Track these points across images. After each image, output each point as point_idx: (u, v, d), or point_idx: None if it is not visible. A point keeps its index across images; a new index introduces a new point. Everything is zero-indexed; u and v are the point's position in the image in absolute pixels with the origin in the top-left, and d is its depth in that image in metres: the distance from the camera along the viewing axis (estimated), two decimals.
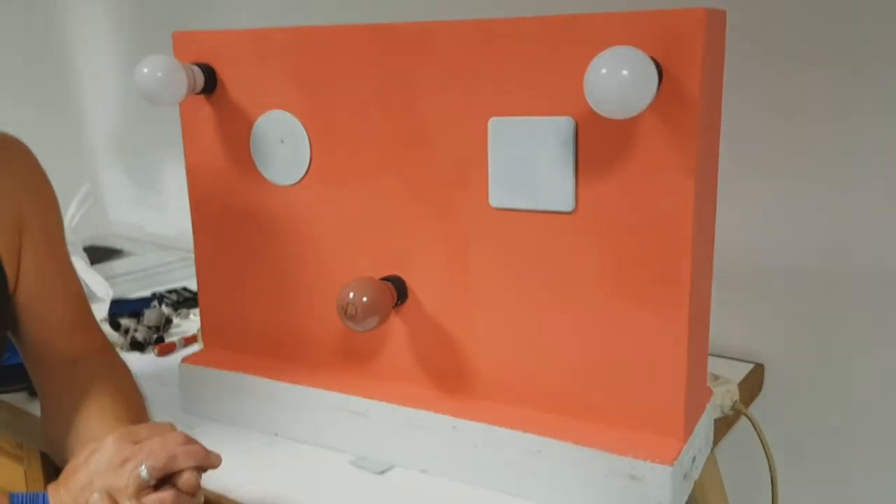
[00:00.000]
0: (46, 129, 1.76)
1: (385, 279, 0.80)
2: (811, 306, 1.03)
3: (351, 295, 0.75)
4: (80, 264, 1.37)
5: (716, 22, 0.65)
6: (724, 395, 0.89)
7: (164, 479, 0.68)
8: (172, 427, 0.73)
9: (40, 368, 0.87)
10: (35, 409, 0.94)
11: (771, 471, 0.93)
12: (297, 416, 0.87)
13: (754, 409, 1.03)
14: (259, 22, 1.37)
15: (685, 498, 0.73)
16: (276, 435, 0.89)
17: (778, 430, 1.01)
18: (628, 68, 0.59)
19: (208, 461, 0.70)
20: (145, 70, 0.77)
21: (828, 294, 1.02)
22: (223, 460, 0.71)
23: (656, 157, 0.66)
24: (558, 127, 0.69)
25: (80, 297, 0.90)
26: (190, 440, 0.70)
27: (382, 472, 0.82)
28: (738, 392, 0.91)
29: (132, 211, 1.87)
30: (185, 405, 0.95)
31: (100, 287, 1.34)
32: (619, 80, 0.59)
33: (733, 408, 0.90)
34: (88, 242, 1.70)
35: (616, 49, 0.60)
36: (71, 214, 1.41)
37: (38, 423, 0.88)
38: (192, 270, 0.95)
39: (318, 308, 0.87)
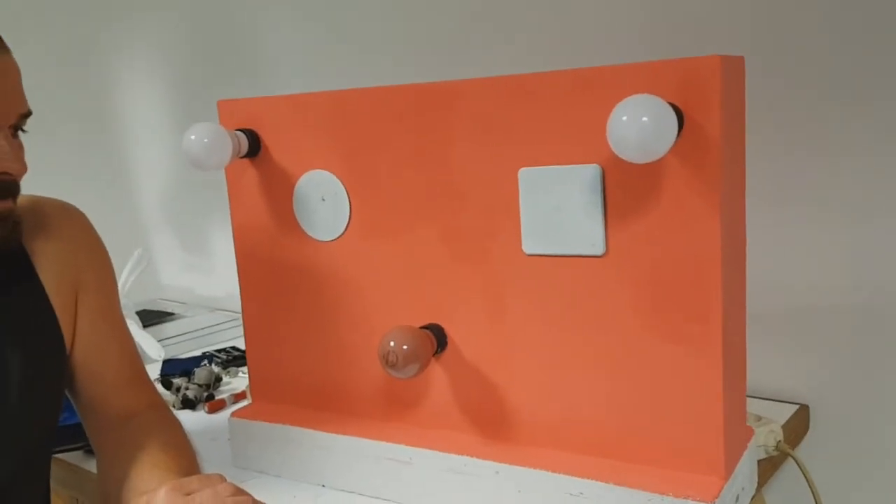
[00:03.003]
0: (101, 197, 1.84)
1: (425, 328, 0.82)
2: (855, 345, 1.02)
3: (392, 343, 0.77)
4: (134, 327, 1.42)
5: (733, 67, 0.68)
6: (767, 435, 0.89)
7: None
8: (222, 478, 0.75)
9: (96, 425, 0.90)
10: (91, 466, 0.97)
11: None
12: (343, 466, 0.89)
13: (801, 450, 1.02)
14: (299, 87, 1.43)
15: None
16: (324, 486, 0.91)
17: (826, 471, 1.00)
18: (648, 115, 0.61)
19: None
20: (192, 137, 0.82)
21: (872, 332, 1.01)
22: None
23: (682, 199, 0.68)
24: (586, 174, 0.72)
25: (134, 356, 0.94)
26: (240, 491, 0.73)
27: None
28: (781, 432, 0.90)
29: (183, 275, 1.93)
30: (235, 459, 0.97)
31: (152, 348, 1.38)
32: (639, 126, 0.61)
33: (778, 448, 0.90)
34: (141, 306, 1.76)
35: (636, 97, 0.63)
36: (125, 278, 1.46)
37: (94, 481, 0.90)
38: (241, 331, 0.98)
39: (360, 359, 0.89)
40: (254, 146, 0.89)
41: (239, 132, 0.88)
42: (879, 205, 0.98)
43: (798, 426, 1.03)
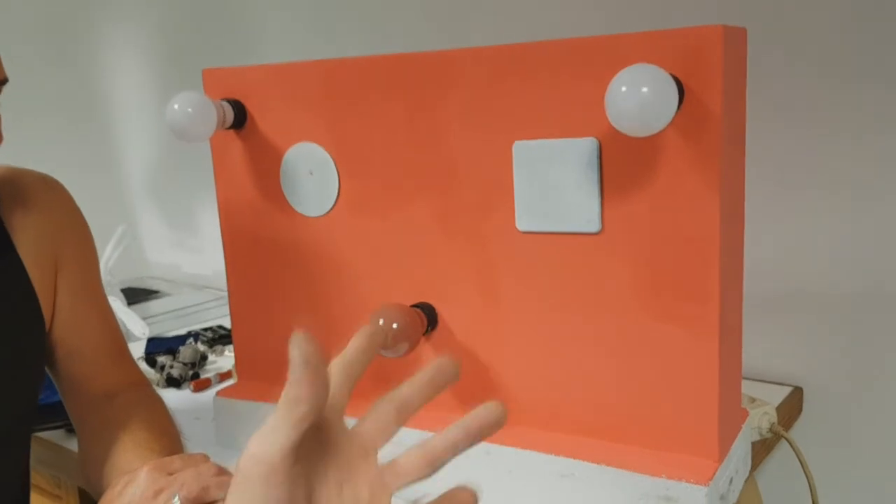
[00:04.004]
0: (84, 171, 1.81)
1: (415, 306, 0.81)
2: (849, 328, 1.01)
3: (381, 321, 0.76)
4: (118, 304, 1.39)
5: (735, 38, 0.66)
6: (761, 418, 0.88)
7: None
8: (205, 458, 0.73)
9: (77, 403, 0.88)
10: (73, 445, 0.95)
11: (812, 494, 0.91)
12: None
13: (795, 432, 1.01)
14: (286, 56, 1.40)
15: None
16: None
17: (819, 453, 0.99)
18: (648, 85, 0.59)
19: None
20: (176, 107, 0.79)
21: (865, 315, 1.00)
22: None
23: (680, 175, 0.66)
24: (582, 148, 0.70)
25: (115, 333, 0.92)
26: (223, 471, 0.71)
27: (415, 501, 0.81)
28: (775, 414, 0.89)
29: (169, 252, 1.90)
30: (219, 438, 0.95)
31: (137, 326, 1.36)
32: (639, 97, 0.59)
33: (771, 430, 0.88)
34: (127, 284, 1.73)
35: (635, 67, 0.61)
36: (108, 255, 1.44)
37: (76, 460, 0.89)
38: (227, 309, 0.96)
39: (349, 337, 0.87)
40: (239, 117, 0.86)
41: (224, 102, 0.85)
42: (879, 188, 0.96)
43: (792, 408, 1.02)
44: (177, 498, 0.66)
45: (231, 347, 1.29)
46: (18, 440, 0.85)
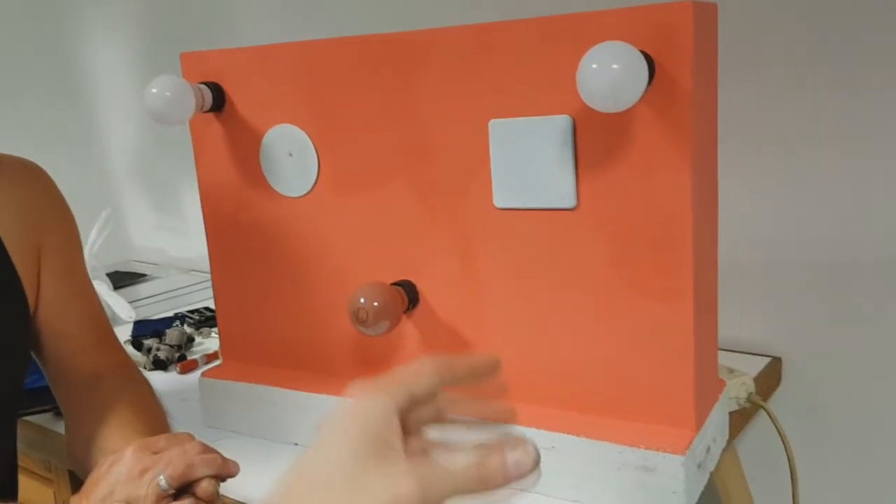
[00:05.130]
0: (67, 156, 1.80)
1: (396, 284, 0.81)
2: (827, 298, 1.03)
3: (362, 300, 0.76)
4: (104, 288, 1.40)
5: (705, 14, 0.66)
6: (739, 388, 0.89)
7: (183, 489, 0.69)
8: (191, 437, 0.74)
9: (63, 386, 0.89)
10: (61, 429, 0.95)
11: (790, 462, 0.92)
12: (315, 425, 0.88)
13: (773, 402, 1.03)
14: (265, 39, 1.40)
15: (700, 488, 0.73)
16: (297, 445, 0.90)
17: (797, 423, 1.01)
18: (618, 62, 0.60)
19: (226, 469, 0.71)
20: (154, 90, 0.79)
21: (843, 285, 1.01)
22: (244, 471, 0.73)
23: (653, 150, 0.67)
24: (557, 125, 0.70)
25: (100, 316, 0.93)
26: (208, 449, 0.72)
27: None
28: (753, 384, 0.91)
29: (154, 236, 1.90)
30: (206, 419, 0.96)
31: (123, 310, 1.37)
32: (609, 73, 0.60)
33: (749, 400, 0.90)
34: (113, 268, 1.73)
35: (606, 44, 0.61)
36: (92, 240, 1.44)
37: (64, 442, 0.89)
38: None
39: (331, 316, 0.88)
40: (218, 100, 0.86)
41: (202, 85, 0.86)
42: (854, 160, 0.97)
43: (770, 379, 1.04)
44: (162, 476, 0.67)
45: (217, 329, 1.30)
46: (4, 425, 0.86)
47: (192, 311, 1.40)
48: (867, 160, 0.96)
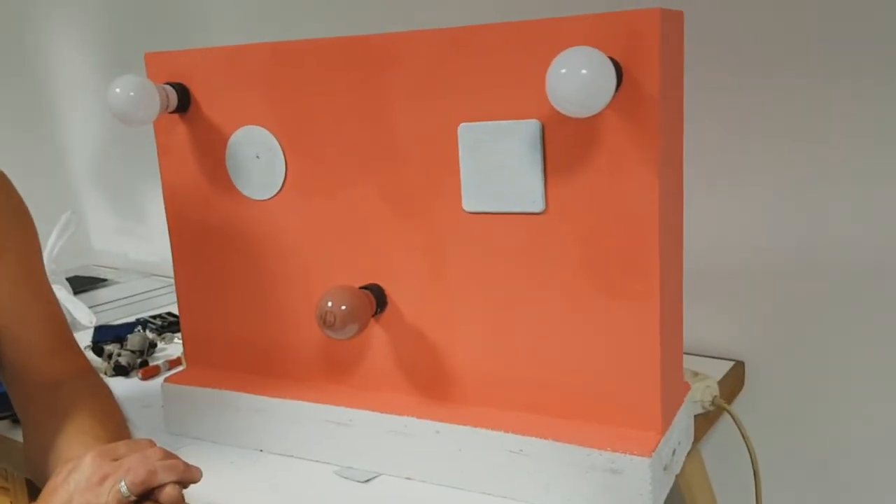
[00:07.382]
0: (26, 158, 1.77)
1: (364, 288, 0.81)
2: (789, 303, 1.04)
3: (329, 304, 0.76)
4: (63, 293, 1.37)
5: (672, 21, 0.67)
6: (703, 391, 0.90)
7: (145, 496, 0.68)
8: (151, 443, 0.73)
9: (21, 393, 0.87)
10: (19, 436, 0.93)
11: (753, 465, 0.93)
12: (280, 430, 0.87)
13: (737, 405, 1.04)
14: (231, 39, 1.39)
15: (667, 490, 0.74)
16: (262, 451, 0.89)
17: (761, 426, 1.02)
18: (587, 67, 0.60)
19: (188, 475, 0.70)
20: (117, 90, 0.78)
21: (805, 290, 1.03)
22: (207, 477, 0.72)
23: (620, 155, 0.68)
24: (525, 130, 0.71)
25: (59, 321, 0.91)
26: (169, 455, 0.71)
27: (368, 481, 0.82)
28: (717, 387, 0.92)
29: (116, 239, 1.88)
30: (168, 425, 0.95)
31: (83, 315, 1.34)
32: (578, 78, 0.60)
33: (713, 403, 0.91)
34: (73, 272, 1.70)
35: (575, 49, 0.62)
36: (52, 243, 1.41)
37: (21, 450, 0.88)
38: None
39: (298, 320, 0.87)
40: (183, 100, 0.85)
41: (167, 86, 0.84)
42: (817, 166, 0.99)
43: (734, 382, 1.05)
44: (123, 483, 0.66)
45: (180, 334, 1.28)
46: None
47: (154, 317, 1.38)
48: (828, 168, 0.98)
